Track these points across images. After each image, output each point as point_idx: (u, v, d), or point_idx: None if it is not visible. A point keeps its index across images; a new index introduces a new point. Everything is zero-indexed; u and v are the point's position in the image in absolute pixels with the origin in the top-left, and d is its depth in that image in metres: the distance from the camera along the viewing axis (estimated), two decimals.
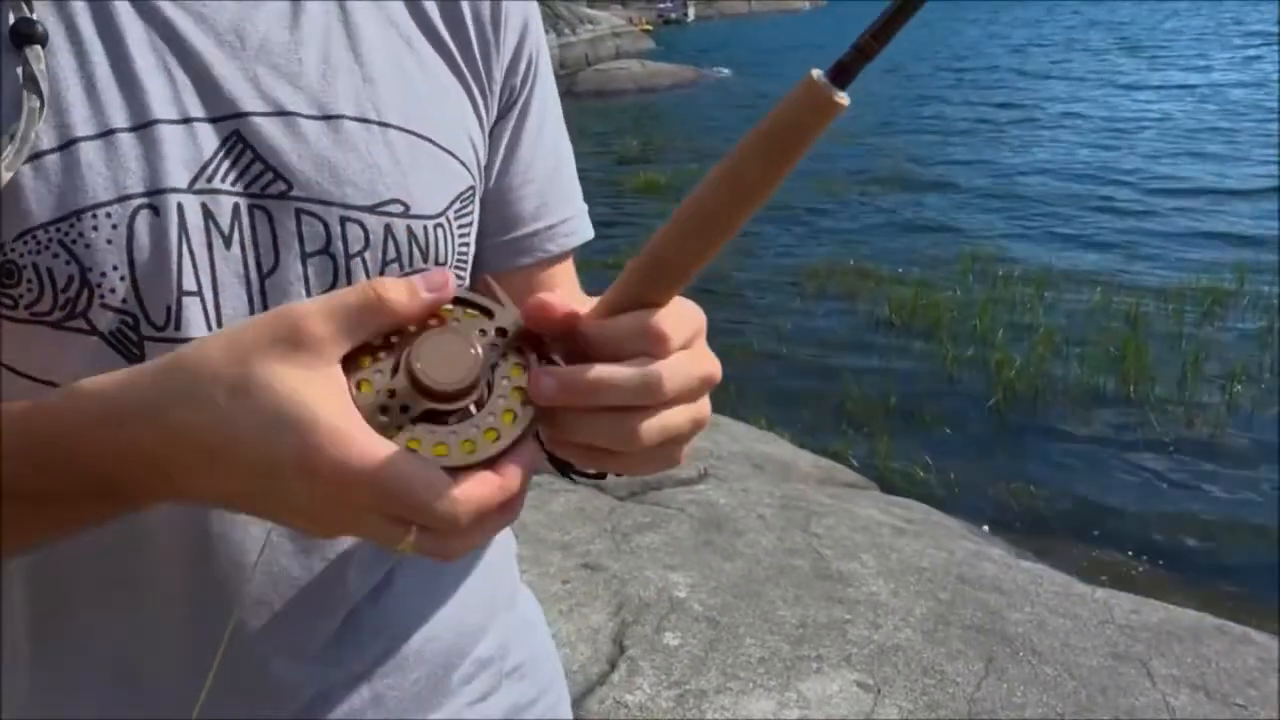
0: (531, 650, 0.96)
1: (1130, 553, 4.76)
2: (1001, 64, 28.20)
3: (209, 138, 0.70)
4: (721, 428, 5.23)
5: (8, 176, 0.65)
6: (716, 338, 0.58)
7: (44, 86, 0.66)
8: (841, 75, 0.48)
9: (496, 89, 0.83)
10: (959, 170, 13.74)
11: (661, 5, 63.14)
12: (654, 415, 0.54)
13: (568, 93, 27.37)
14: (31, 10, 0.67)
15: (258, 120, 0.70)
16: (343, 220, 0.72)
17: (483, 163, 0.81)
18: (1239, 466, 5.53)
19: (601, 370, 0.53)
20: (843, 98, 0.48)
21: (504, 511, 0.52)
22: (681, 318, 0.55)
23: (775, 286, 9.00)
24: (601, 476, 0.68)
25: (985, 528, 4.86)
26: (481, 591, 0.89)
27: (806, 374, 7.11)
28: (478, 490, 0.50)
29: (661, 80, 27.51)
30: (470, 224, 0.79)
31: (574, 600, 3.13)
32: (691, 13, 64.00)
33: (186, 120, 0.70)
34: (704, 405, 0.57)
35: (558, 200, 0.88)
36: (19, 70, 0.66)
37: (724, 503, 3.87)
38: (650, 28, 49.53)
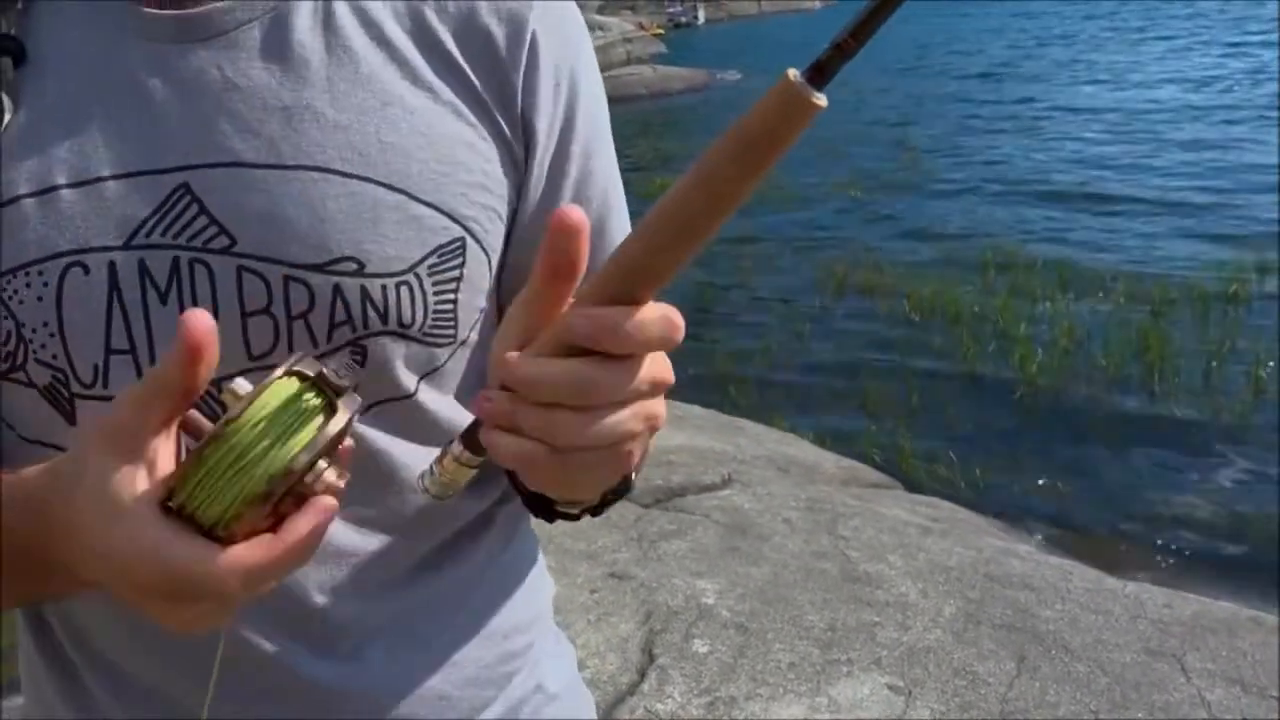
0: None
1: (1160, 545, 4.73)
2: (1022, 59, 28.06)
3: (155, 191, 0.68)
4: (744, 431, 5.23)
5: None
6: (736, 339, 0.55)
7: (7, 97, 0.67)
8: (819, 75, 0.45)
9: (517, 116, 0.75)
10: (978, 166, 13.66)
11: (671, 9, 63.05)
12: (590, 413, 0.51)
13: None
14: (13, 29, 0.69)
15: (208, 172, 0.68)
16: (286, 279, 0.69)
17: (505, 196, 0.76)
18: (1266, 455, 5.47)
19: (537, 364, 0.51)
20: (820, 98, 0.45)
21: (284, 564, 0.52)
22: (646, 325, 0.51)
23: (794, 287, 8.98)
24: (579, 516, 0.69)
25: (1012, 524, 4.84)
26: (478, 662, 0.85)
27: (828, 374, 7.09)
28: (247, 556, 0.51)
29: (673, 84, 27.51)
30: (456, 279, 0.72)
31: (602, 610, 3.13)
32: (701, 16, 63.87)
33: (133, 174, 0.68)
34: (656, 405, 0.54)
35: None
36: None
37: (749, 507, 3.86)
38: (661, 31, 49.55)
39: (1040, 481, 5.40)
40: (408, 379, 0.73)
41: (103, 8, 0.70)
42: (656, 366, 0.53)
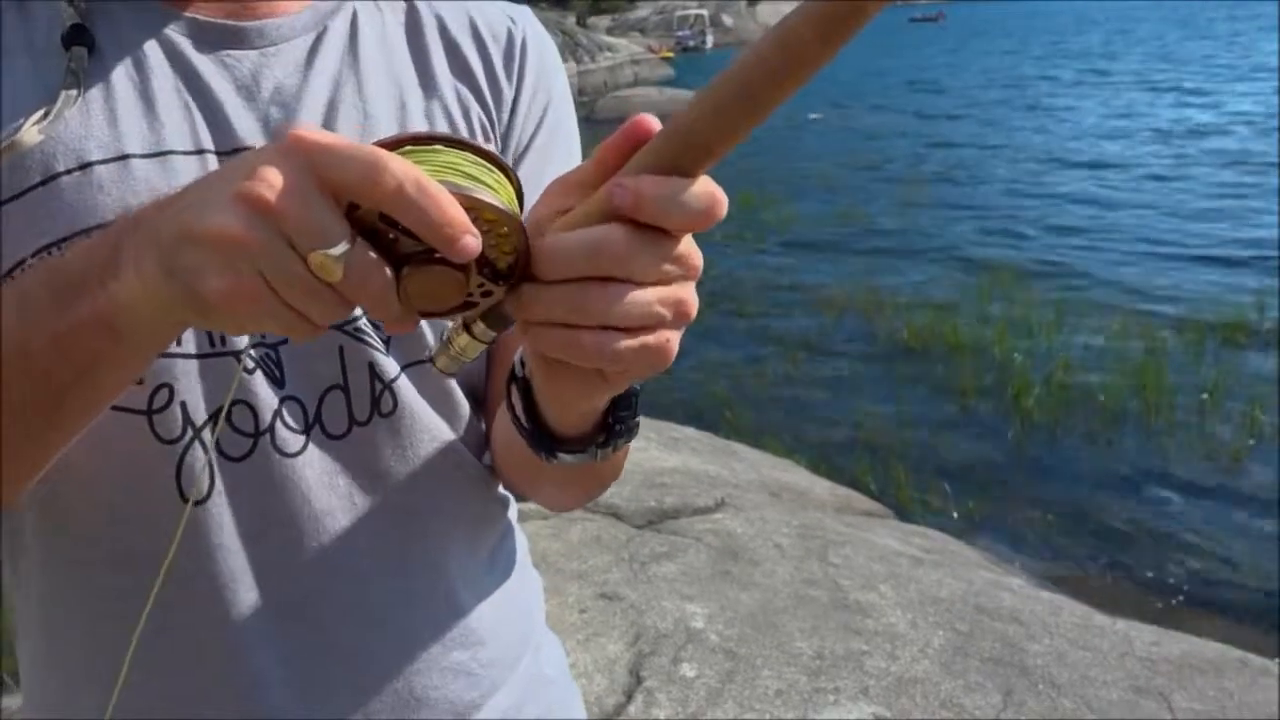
0: (548, 705, 0.95)
1: (1150, 583, 4.73)
2: (1021, 84, 28.20)
3: (218, 167, 0.74)
4: (738, 455, 5.23)
5: (36, 137, 0.71)
6: (733, 364, 0.54)
7: (83, 82, 0.73)
8: None
9: (503, 130, 0.88)
10: (978, 194, 13.73)
11: (680, 33, 63.42)
12: (620, 286, 0.50)
13: (586, 119, 27.49)
14: (86, 20, 0.75)
15: None
16: None
17: None
18: (1260, 496, 5.48)
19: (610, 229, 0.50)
20: None
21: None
22: (691, 196, 0.50)
23: (791, 312, 9.02)
24: (586, 447, 0.65)
25: (1003, 557, 4.84)
26: (495, 646, 0.89)
27: (823, 400, 7.11)
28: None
29: (679, 107, 27.57)
30: None
31: (591, 630, 3.12)
32: (709, 40, 64.26)
33: (199, 152, 0.76)
34: (687, 291, 0.53)
35: None
36: (65, 65, 0.73)
37: (741, 532, 3.86)
38: (671, 55, 49.81)
39: (1033, 515, 5.40)
40: (430, 339, 0.80)
41: (157, 12, 0.78)
42: (690, 249, 0.53)
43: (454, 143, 0.52)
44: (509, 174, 0.54)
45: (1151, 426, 6.37)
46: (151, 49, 0.77)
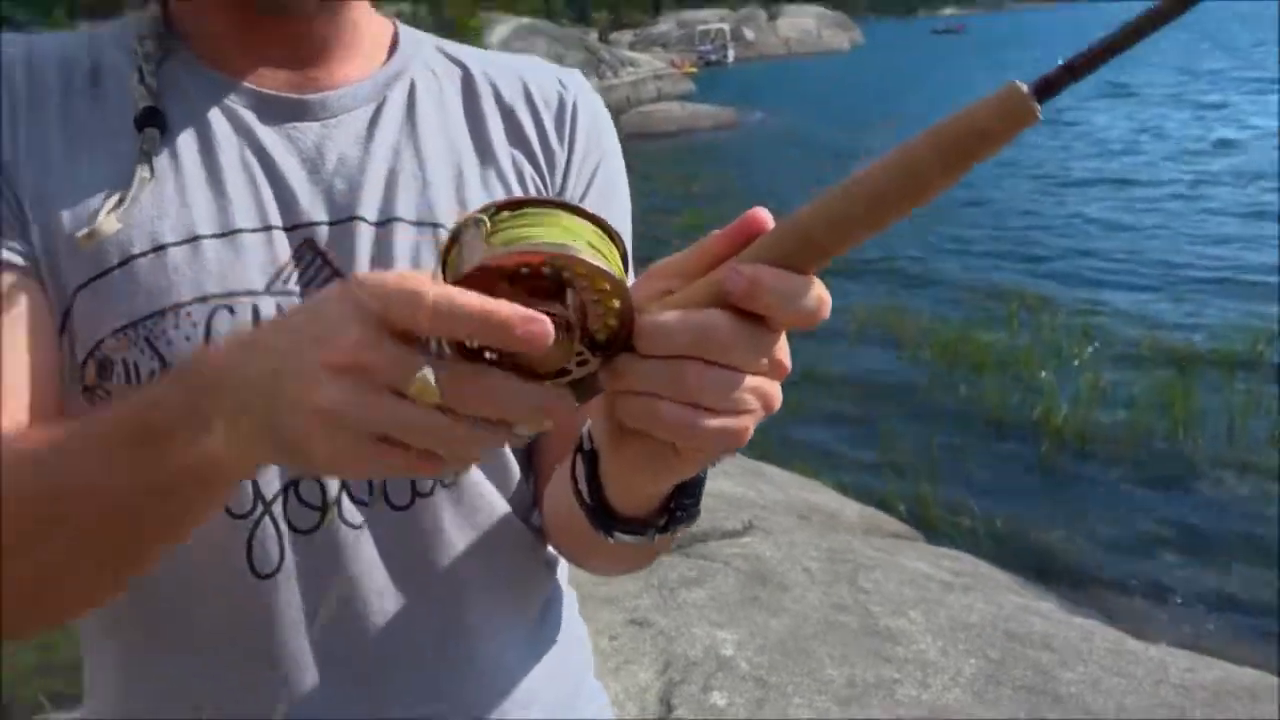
0: None
1: (1183, 608, 4.68)
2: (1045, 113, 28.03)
3: (284, 245, 0.79)
4: (766, 476, 5.22)
5: (115, 225, 0.73)
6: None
7: (154, 163, 0.76)
8: (1045, 89, 0.47)
9: (555, 193, 0.90)
10: (1004, 214, 13.68)
11: (702, 48, 63.49)
12: (721, 370, 0.51)
13: None
14: (159, 103, 0.79)
15: (327, 228, 0.80)
16: None
17: None
18: None
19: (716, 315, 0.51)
20: (1039, 111, 0.47)
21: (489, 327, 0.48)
22: (802, 292, 0.52)
23: (815, 332, 8.91)
24: (645, 529, 0.66)
25: (1034, 580, 4.80)
26: (544, 705, 0.90)
27: (851, 419, 7.09)
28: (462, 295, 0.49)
29: (702, 122, 27.69)
30: None
31: (622, 658, 3.13)
32: (731, 55, 64.31)
33: (266, 228, 0.78)
34: (775, 387, 0.54)
35: None
36: (138, 148, 0.76)
37: (770, 555, 3.85)
38: (695, 70, 49.91)
39: (1061, 537, 5.37)
40: None
41: (223, 85, 0.81)
42: (785, 348, 0.54)
43: (570, 208, 0.53)
44: (617, 241, 0.55)
45: (1181, 449, 6.32)
46: (219, 124, 0.80)
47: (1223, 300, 9.19)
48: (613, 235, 0.54)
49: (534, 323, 0.48)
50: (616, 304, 0.52)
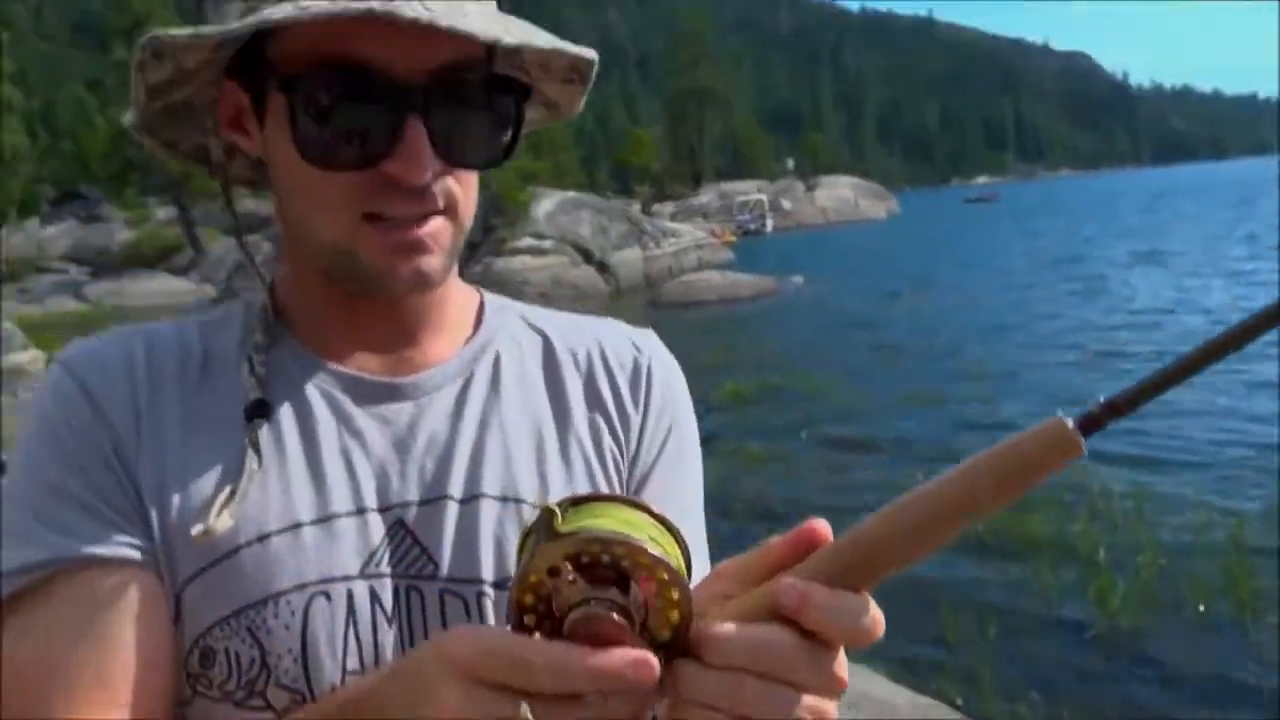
0: None
1: None
2: (1073, 265, 28.29)
3: (378, 526, 0.83)
4: None
5: (228, 523, 0.76)
6: None
7: (263, 452, 0.81)
8: (1090, 425, 0.50)
9: (630, 455, 0.94)
10: (1044, 380, 13.62)
11: (740, 217, 65.00)
12: (777, 685, 0.53)
13: (652, 303, 28.04)
14: (266, 393, 0.84)
15: (418, 509, 0.84)
16: (478, 596, 0.82)
17: None
18: None
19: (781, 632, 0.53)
20: (1084, 446, 0.50)
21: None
22: (857, 613, 0.55)
23: (862, 504, 8.85)
24: None
25: None
26: None
27: (900, 599, 6.85)
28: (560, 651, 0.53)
29: (742, 290, 28.09)
30: None
31: None
32: (769, 224, 65.74)
33: (361, 511, 0.82)
34: (830, 707, 0.56)
35: None
36: (245, 440, 0.81)
37: None
38: (734, 239, 50.98)
39: None
40: None
41: (323, 370, 0.88)
42: (843, 667, 0.55)
43: (633, 503, 0.56)
44: (676, 535, 0.57)
45: (1246, 630, 6.08)
46: (319, 409, 0.86)
47: (1274, 469, 8.98)
48: (673, 530, 0.57)
49: (643, 666, 0.51)
50: (675, 595, 0.54)
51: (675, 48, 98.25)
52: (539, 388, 0.93)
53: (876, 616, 0.55)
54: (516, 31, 0.80)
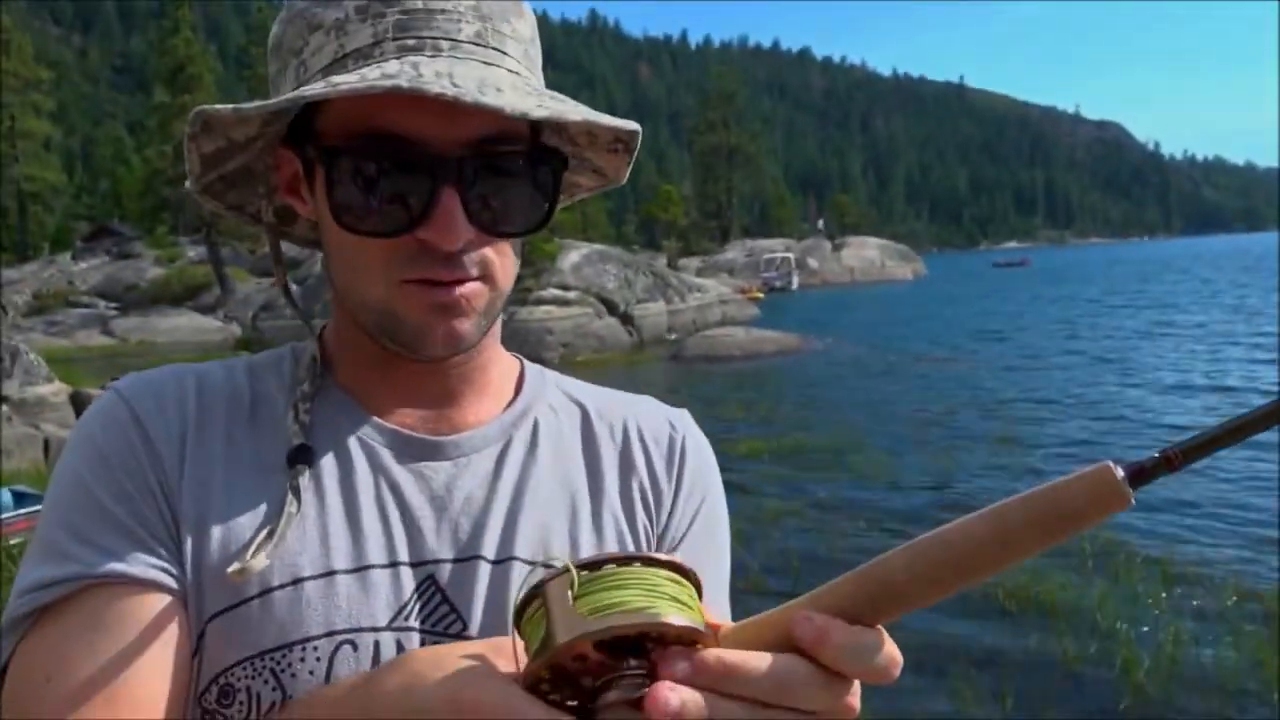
0: None
1: None
2: (1098, 336, 28.14)
3: (409, 581, 0.85)
4: None
5: (264, 562, 0.79)
6: None
7: (303, 498, 0.84)
8: (1139, 477, 0.47)
9: (660, 529, 0.96)
10: (1068, 445, 13.45)
11: (766, 274, 65.22)
12: (788, 714, 0.52)
13: (675, 357, 28.08)
14: (309, 440, 0.87)
15: (449, 566, 0.86)
16: None
17: None
18: None
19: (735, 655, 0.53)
20: (1132, 498, 0.47)
21: None
22: (872, 650, 0.54)
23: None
24: None
25: None
26: None
27: (915, 665, 6.69)
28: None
29: (765, 347, 28.07)
30: None
31: None
32: (795, 282, 65.89)
33: (394, 565, 0.85)
34: None
35: None
36: (285, 484, 0.84)
37: None
38: (761, 296, 51.12)
39: None
40: None
41: (366, 423, 0.91)
42: (857, 698, 0.55)
43: (646, 559, 0.56)
44: (691, 578, 0.57)
45: (1276, 707, 5.89)
46: (360, 461, 0.89)
47: None
48: (687, 574, 0.56)
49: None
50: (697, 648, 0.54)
51: (706, 106, 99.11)
52: (575, 456, 0.96)
53: (894, 655, 0.54)
54: (551, 105, 0.80)
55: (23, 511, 8.92)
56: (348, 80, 0.77)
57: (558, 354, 28.58)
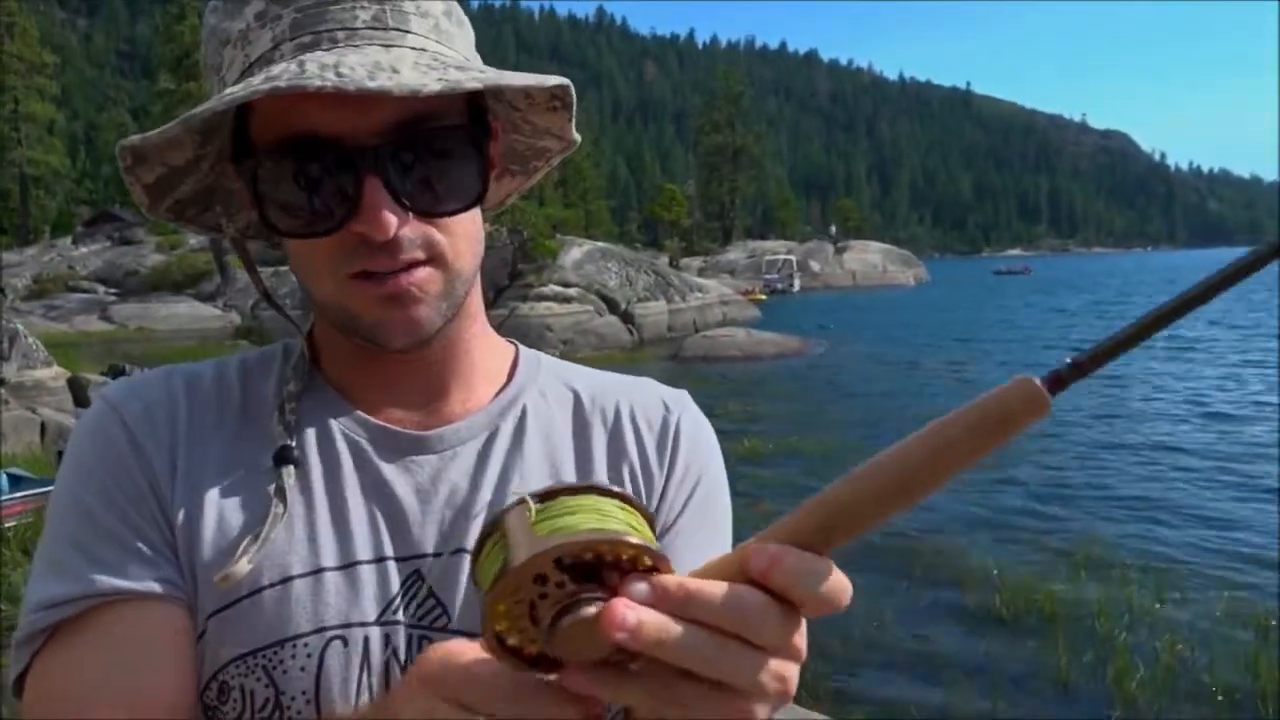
0: None
1: None
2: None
3: (396, 576, 0.86)
4: None
5: (247, 567, 0.79)
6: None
7: (289, 499, 0.84)
8: (1056, 384, 0.50)
9: (653, 510, 0.94)
10: (1073, 461, 13.42)
11: (768, 276, 65.15)
12: (739, 645, 0.52)
13: (674, 357, 28.04)
14: (295, 439, 0.87)
15: (434, 560, 0.87)
16: None
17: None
18: None
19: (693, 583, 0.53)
20: (1049, 402, 0.50)
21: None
22: (823, 577, 0.53)
23: (877, 568, 8.67)
24: None
25: None
26: None
27: (909, 670, 6.73)
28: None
29: (765, 349, 28.03)
30: None
31: None
32: (797, 284, 65.83)
33: (381, 560, 0.86)
34: (791, 669, 0.55)
35: None
36: (272, 485, 0.84)
37: None
38: (763, 298, 51.08)
39: None
40: None
41: (353, 419, 0.91)
42: (804, 634, 0.55)
43: (599, 490, 0.56)
44: (642, 510, 0.57)
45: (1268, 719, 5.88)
46: (346, 458, 0.89)
47: None
48: (638, 507, 0.57)
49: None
50: (649, 565, 0.54)
51: (711, 106, 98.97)
52: (565, 443, 0.95)
53: (842, 582, 0.54)
54: (453, 76, 0.78)
55: (19, 495, 8.91)
56: (233, 90, 0.77)
57: (557, 351, 28.43)
